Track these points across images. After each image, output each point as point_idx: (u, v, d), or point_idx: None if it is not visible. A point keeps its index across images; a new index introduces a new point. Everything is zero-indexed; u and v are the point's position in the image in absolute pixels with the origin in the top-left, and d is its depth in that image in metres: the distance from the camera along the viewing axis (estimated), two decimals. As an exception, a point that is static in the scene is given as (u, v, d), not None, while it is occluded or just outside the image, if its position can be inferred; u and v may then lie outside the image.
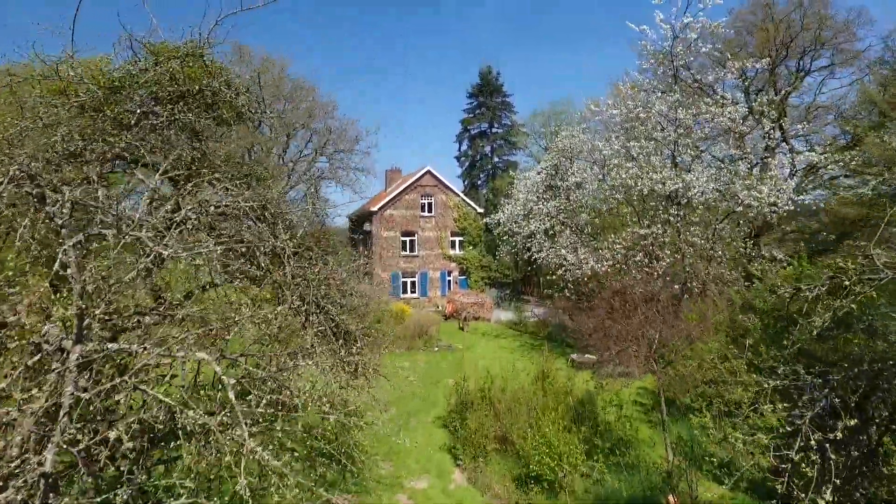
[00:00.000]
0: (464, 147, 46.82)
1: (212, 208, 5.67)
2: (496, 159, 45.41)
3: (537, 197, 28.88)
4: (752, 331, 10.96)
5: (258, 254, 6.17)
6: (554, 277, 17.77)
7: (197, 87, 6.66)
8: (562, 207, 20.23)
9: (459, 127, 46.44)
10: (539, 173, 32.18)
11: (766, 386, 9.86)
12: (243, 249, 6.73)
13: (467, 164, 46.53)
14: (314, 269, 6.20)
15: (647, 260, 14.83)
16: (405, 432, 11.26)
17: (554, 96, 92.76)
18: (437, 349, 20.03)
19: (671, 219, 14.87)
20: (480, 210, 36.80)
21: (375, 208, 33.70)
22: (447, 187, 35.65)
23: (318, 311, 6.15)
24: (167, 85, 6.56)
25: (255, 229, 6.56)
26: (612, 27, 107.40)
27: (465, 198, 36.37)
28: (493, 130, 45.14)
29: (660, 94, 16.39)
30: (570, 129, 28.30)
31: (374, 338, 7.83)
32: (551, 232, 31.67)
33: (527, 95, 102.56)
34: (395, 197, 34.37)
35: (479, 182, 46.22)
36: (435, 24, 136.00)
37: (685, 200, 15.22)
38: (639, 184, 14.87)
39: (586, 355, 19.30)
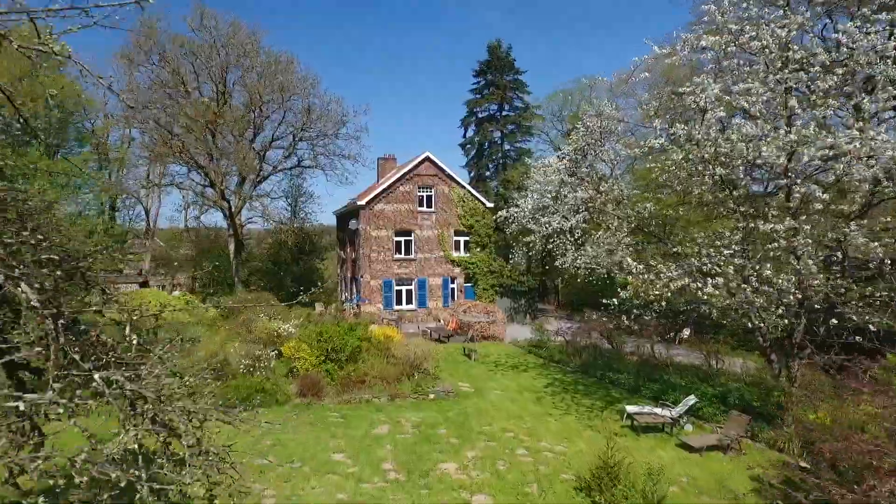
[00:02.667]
0: (469, 133, 40.80)
1: None
2: (507, 146, 39.39)
3: (569, 187, 23.25)
4: None
5: None
6: (619, 301, 11.73)
7: None
8: (610, 196, 14.19)
9: (464, 111, 40.47)
10: (562, 158, 26.54)
11: None
12: None
13: (474, 152, 40.48)
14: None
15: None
16: None
17: (571, 76, 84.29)
18: (432, 396, 14.15)
19: (818, 206, 8.87)
20: (490, 204, 30.89)
21: (363, 202, 27.89)
22: (450, 177, 29.77)
23: None
24: None
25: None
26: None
27: (471, 189, 30.47)
28: (504, 113, 39.11)
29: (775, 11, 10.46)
30: (601, 103, 22.69)
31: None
32: (577, 230, 25.88)
33: (542, 78, 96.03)
34: (387, 188, 28.54)
35: (488, 173, 40.22)
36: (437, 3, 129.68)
37: (833, 177, 9.22)
38: (764, 151, 8.88)
39: (648, 407, 13.35)
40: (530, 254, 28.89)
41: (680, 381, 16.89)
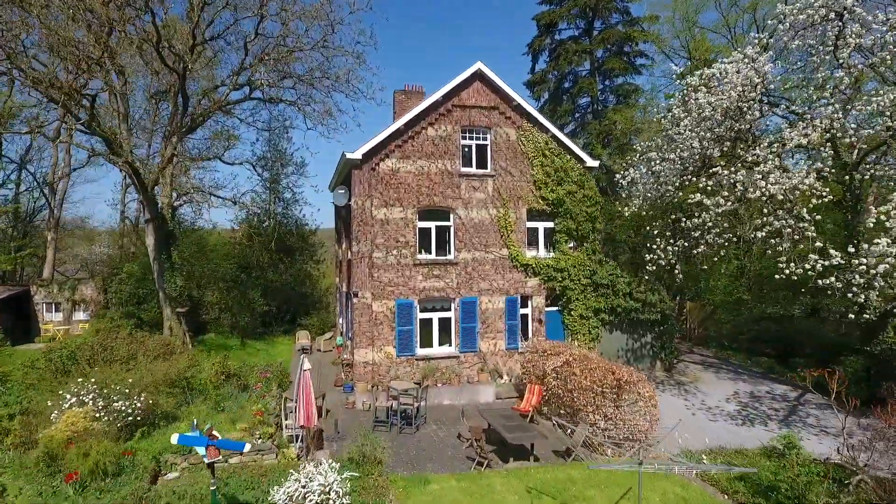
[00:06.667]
0: (541, 65, 26.61)
1: None
2: (602, 83, 25.03)
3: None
4: None
5: None
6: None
7: None
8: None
9: (533, 31, 26.40)
10: (759, 53, 12.59)
11: None
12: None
13: (547, 93, 26.21)
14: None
15: None
16: None
17: None
18: None
19: None
20: (593, 162, 16.92)
21: (358, 155, 14.68)
22: (519, 110, 16.07)
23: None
24: None
25: None
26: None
27: (558, 133, 16.51)
28: (596, 33, 24.80)
29: None
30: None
31: None
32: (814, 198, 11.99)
33: None
34: (404, 130, 15.19)
35: (571, 125, 26.01)
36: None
37: None
38: None
39: None
40: (688, 254, 14.69)
41: None
